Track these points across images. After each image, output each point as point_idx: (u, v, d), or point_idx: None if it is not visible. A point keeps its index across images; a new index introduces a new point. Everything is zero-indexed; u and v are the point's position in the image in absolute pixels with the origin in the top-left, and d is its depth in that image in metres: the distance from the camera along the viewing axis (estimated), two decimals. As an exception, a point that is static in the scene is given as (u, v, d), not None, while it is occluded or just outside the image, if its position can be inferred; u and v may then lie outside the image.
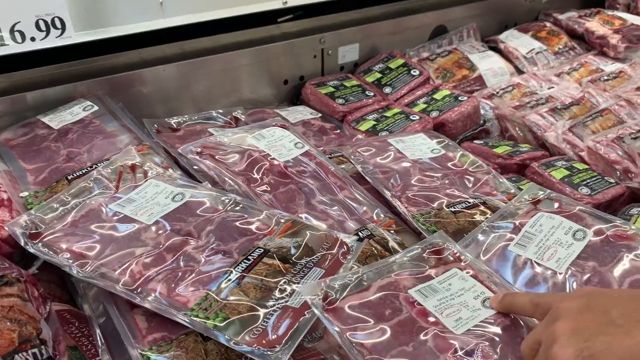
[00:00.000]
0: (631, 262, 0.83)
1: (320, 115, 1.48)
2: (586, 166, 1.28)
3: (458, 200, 1.05)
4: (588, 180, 1.21)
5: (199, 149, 1.06)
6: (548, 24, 1.96)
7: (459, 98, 1.50)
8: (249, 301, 0.76)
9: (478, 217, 1.00)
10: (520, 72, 1.80)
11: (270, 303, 0.76)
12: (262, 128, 1.16)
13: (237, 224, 0.90)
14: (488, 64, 1.76)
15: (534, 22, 2.00)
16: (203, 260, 0.83)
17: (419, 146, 1.22)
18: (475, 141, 1.41)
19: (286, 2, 1.46)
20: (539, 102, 1.56)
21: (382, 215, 1.05)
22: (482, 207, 1.02)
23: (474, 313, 0.75)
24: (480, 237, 0.93)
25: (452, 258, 0.86)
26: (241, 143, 1.10)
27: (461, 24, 1.88)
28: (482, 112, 1.55)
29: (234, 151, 1.07)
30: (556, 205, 0.98)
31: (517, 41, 1.87)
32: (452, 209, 1.02)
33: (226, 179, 1.01)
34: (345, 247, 0.88)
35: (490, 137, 1.53)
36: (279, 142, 1.13)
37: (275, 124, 1.18)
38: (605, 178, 1.22)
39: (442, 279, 0.81)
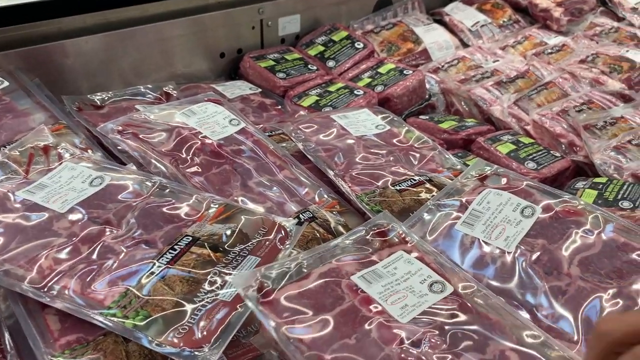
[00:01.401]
0: (581, 239, 0.80)
1: (260, 90, 1.40)
2: (532, 140, 1.26)
3: (403, 178, 1.00)
4: (534, 155, 1.18)
5: (121, 127, 0.96)
6: (493, -3, 1.93)
7: (404, 72, 1.45)
8: (175, 296, 0.68)
9: (424, 195, 0.95)
10: (465, 45, 1.77)
11: (199, 297, 0.68)
12: (193, 104, 1.06)
13: (163, 210, 0.82)
14: (433, 37, 1.72)
15: (479, -5, 1.96)
16: (123, 251, 0.74)
17: (363, 122, 1.17)
18: (420, 116, 1.36)
19: (220, -32, 1.36)
20: (485, 76, 1.52)
21: (325, 196, 0.99)
22: (428, 185, 0.98)
23: (420, 299, 0.70)
24: (426, 216, 0.88)
25: (397, 240, 0.81)
26: (169, 120, 1.01)
27: (406, -4, 1.83)
28: (427, 86, 1.50)
29: (161, 129, 0.98)
30: (504, 180, 0.94)
31: (462, 14, 1.83)
32: (398, 187, 0.97)
33: (151, 160, 0.92)
34: (283, 231, 0.81)
35: (436, 112, 1.49)
36: (212, 119, 1.04)
37: (208, 99, 1.09)
38: (551, 152, 1.21)
39: (387, 263, 0.75)
